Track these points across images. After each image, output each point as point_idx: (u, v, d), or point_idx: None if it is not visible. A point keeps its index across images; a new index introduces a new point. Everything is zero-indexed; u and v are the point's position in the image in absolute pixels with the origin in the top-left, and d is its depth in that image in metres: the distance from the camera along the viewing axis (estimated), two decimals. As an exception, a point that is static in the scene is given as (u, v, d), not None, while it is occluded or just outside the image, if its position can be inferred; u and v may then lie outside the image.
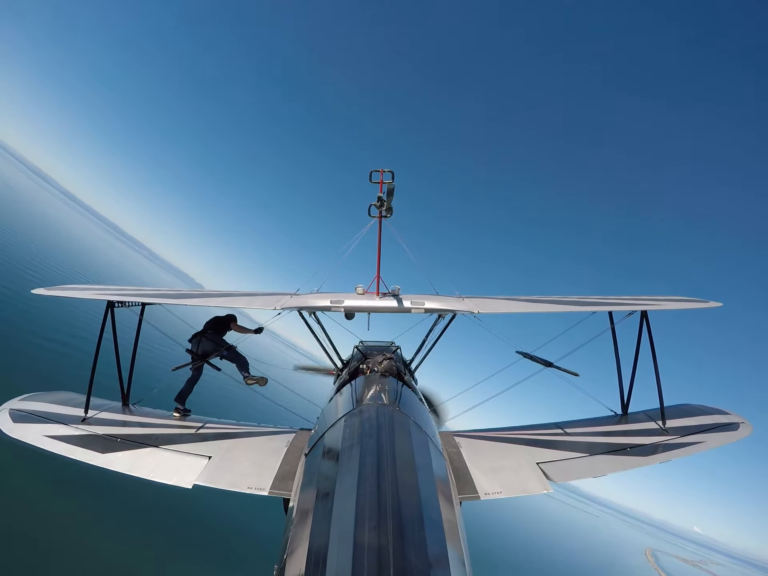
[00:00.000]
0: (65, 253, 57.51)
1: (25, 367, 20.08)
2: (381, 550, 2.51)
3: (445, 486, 3.78)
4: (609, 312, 6.58)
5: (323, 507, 3.17)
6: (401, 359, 7.69)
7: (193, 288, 12.35)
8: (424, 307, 5.96)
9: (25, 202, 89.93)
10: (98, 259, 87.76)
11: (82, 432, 5.60)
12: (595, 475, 5.32)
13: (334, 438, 4.13)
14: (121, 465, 5.11)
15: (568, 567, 76.30)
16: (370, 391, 5.05)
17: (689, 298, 6.86)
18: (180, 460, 5.20)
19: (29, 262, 39.45)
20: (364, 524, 2.72)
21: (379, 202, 6.23)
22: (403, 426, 4.15)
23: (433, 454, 3.99)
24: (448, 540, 2.93)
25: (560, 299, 6.78)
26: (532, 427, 6.47)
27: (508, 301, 6.50)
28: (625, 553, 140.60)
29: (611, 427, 6.41)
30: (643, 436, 5.98)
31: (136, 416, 6.36)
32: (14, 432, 5.40)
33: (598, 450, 5.73)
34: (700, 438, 5.90)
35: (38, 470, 14.31)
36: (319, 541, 2.84)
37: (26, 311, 26.85)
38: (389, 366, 6.04)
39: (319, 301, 6.13)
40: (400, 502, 2.93)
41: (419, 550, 2.65)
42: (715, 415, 6.41)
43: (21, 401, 6.08)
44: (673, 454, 5.64)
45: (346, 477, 3.32)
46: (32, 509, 13.98)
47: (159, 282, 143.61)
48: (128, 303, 6.52)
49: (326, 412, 5.38)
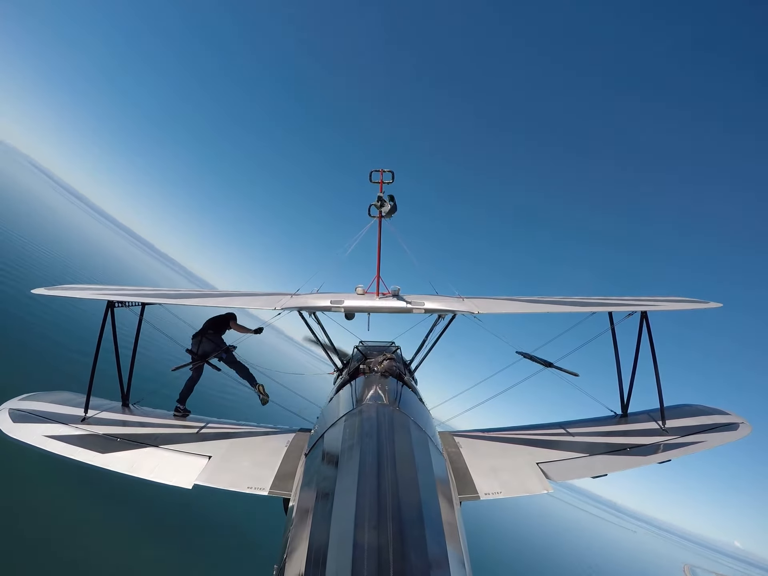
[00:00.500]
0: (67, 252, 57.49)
1: (24, 367, 20.05)
2: (381, 550, 2.51)
3: (444, 486, 3.78)
4: (609, 312, 6.58)
5: (323, 507, 3.17)
6: (401, 359, 7.69)
7: (201, 288, 12.31)
8: (424, 308, 5.96)
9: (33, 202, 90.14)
10: (99, 254, 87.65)
11: (82, 432, 5.59)
12: (595, 475, 5.33)
13: (334, 438, 4.13)
14: (121, 465, 5.09)
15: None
16: (370, 391, 5.06)
17: (689, 299, 6.87)
18: (180, 460, 5.19)
19: (29, 261, 39.44)
20: (363, 524, 2.72)
21: (379, 202, 6.24)
22: (403, 426, 4.16)
23: (432, 454, 4.00)
24: (448, 540, 2.93)
25: (560, 300, 6.78)
26: (532, 427, 6.47)
27: (508, 302, 6.50)
28: (662, 570, 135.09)
29: (611, 427, 6.42)
30: (643, 436, 5.99)
31: (136, 416, 6.35)
32: (14, 432, 5.38)
33: (598, 450, 5.74)
34: (700, 438, 5.91)
35: (37, 470, 14.30)
36: (319, 541, 2.84)
37: (26, 310, 26.85)
38: (389, 366, 6.04)
39: (319, 302, 6.13)
40: (400, 502, 2.93)
41: (419, 551, 2.65)
42: (715, 416, 6.42)
43: (21, 401, 6.06)
44: (673, 453, 5.64)
45: (346, 477, 3.32)
46: (31, 510, 13.97)
47: (167, 281, 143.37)
48: (128, 303, 6.51)
49: (326, 411, 5.38)
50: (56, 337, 26.45)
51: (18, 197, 79.96)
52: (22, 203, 74.66)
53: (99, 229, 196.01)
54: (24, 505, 13.98)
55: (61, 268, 45.34)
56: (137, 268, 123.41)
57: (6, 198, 65.95)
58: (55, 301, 27.86)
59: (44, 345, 24.30)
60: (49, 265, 42.25)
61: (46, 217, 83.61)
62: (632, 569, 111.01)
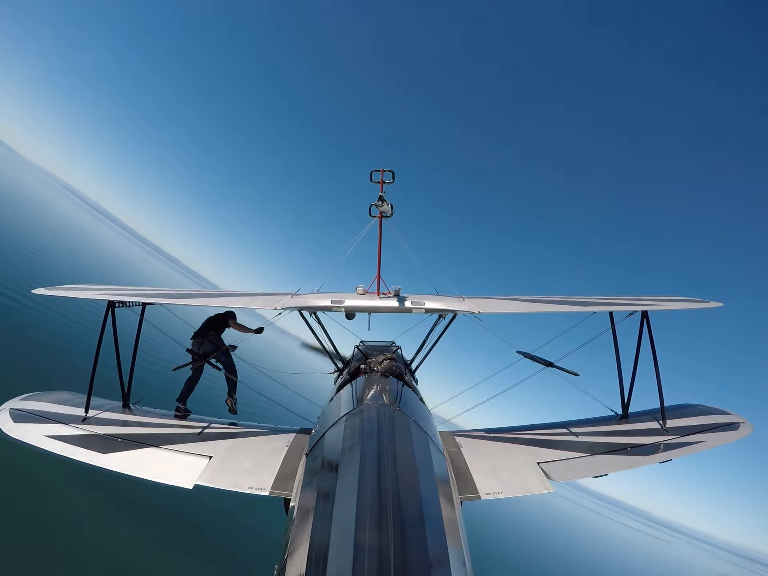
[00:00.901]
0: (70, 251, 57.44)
1: (25, 367, 20.03)
2: (382, 550, 2.51)
3: (445, 486, 3.79)
4: (610, 312, 6.58)
5: (324, 507, 3.17)
6: (402, 359, 7.69)
7: (205, 287, 12.26)
8: (425, 307, 5.95)
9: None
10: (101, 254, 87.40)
11: (83, 432, 5.58)
12: (596, 475, 5.34)
13: (335, 438, 4.13)
14: (122, 465, 5.08)
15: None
16: (371, 391, 5.06)
17: (690, 299, 6.87)
18: (181, 460, 5.18)
19: (30, 259, 39.45)
20: (364, 524, 2.72)
21: (379, 202, 6.24)
22: (404, 426, 4.16)
23: (433, 453, 4.00)
24: (449, 540, 2.93)
25: (561, 299, 6.78)
26: (533, 427, 6.47)
27: (508, 301, 6.50)
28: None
29: (612, 427, 6.42)
30: (644, 436, 5.99)
31: (136, 416, 6.35)
32: (14, 432, 5.36)
33: (599, 450, 5.73)
34: (701, 438, 5.90)
35: (37, 470, 14.28)
36: (320, 541, 2.84)
37: (26, 311, 26.84)
38: (390, 366, 6.05)
39: (320, 301, 6.11)
40: (401, 502, 2.93)
41: (420, 550, 2.65)
42: (716, 415, 6.41)
43: (21, 401, 6.04)
44: (674, 453, 5.64)
45: (347, 477, 3.32)
46: (30, 510, 13.95)
47: (173, 282, 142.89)
48: (129, 303, 6.51)
49: (327, 411, 5.38)
50: (57, 336, 26.44)
51: (19, 198, 79.81)
52: (24, 204, 74.50)
53: (103, 229, 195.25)
54: (22, 505, 13.97)
55: (64, 268, 45.35)
56: (141, 269, 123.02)
57: (5, 198, 65.84)
58: (55, 301, 27.89)
59: (44, 344, 24.28)
60: (52, 266, 42.26)
61: (51, 219, 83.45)
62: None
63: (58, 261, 45.88)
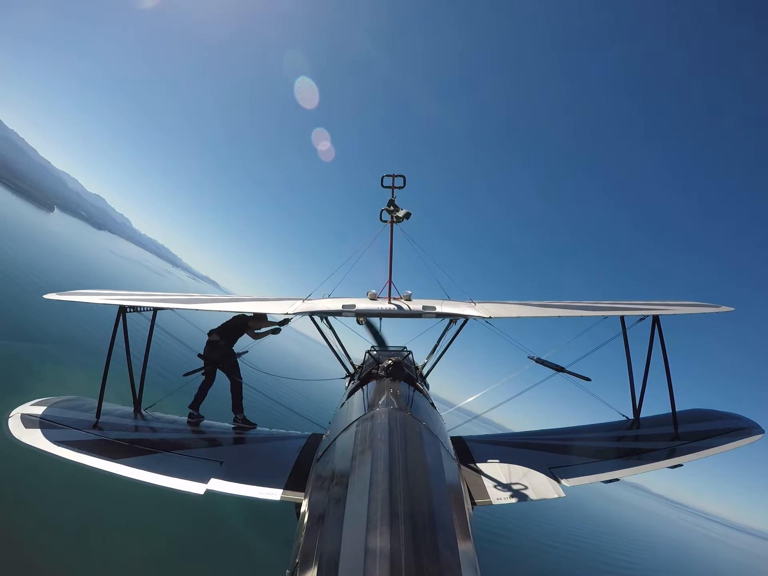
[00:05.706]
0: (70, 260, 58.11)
1: (36, 372, 20.26)
2: (393, 555, 2.49)
3: (456, 491, 3.76)
4: (621, 317, 6.55)
5: (335, 512, 3.16)
6: (413, 364, 7.68)
7: (221, 294, 12.37)
8: (436, 312, 5.92)
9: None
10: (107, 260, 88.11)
11: (93, 437, 5.60)
12: (607, 480, 5.30)
13: (346, 443, 4.12)
14: (133, 471, 5.06)
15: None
16: (382, 396, 5.04)
17: (701, 303, 6.83)
18: (192, 466, 5.18)
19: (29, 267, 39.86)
20: (375, 529, 2.70)
21: (391, 207, 6.26)
22: (415, 431, 4.14)
23: (445, 459, 3.98)
24: (461, 546, 2.91)
25: (572, 304, 6.76)
26: (544, 433, 6.45)
27: (519, 306, 6.48)
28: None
29: (623, 432, 6.40)
30: (655, 441, 5.98)
31: (147, 422, 6.38)
32: (25, 437, 5.36)
33: (611, 454, 5.72)
34: (712, 442, 5.85)
35: (47, 475, 14.37)
36: (331, 546, 2.82)
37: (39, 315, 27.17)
38: (401, 371, 6.03)
39: (331, 306, 6.11)
40: (412, 507, 2.91)
41: (431, 556, 2.63)
42: (727, 420, 6.35)
43: (32, 406, 6.05)
44: (685, 458, 5.60)
45: (358, 482, 3.31)
46: (39, 514, 14.05)
47: (188, 290, 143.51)
48: (140, 308, 6.55)
49: (338, 416, 5.38)
50: (68, 342, 26.71)
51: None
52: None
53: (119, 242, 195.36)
54: (29, 509, 14.09)
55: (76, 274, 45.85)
56: (155, 279, 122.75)
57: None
58: (67, 307, 28.20)
59: (56, 350, 24.55)
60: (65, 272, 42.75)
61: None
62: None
63: (68, 266, 46.24)
